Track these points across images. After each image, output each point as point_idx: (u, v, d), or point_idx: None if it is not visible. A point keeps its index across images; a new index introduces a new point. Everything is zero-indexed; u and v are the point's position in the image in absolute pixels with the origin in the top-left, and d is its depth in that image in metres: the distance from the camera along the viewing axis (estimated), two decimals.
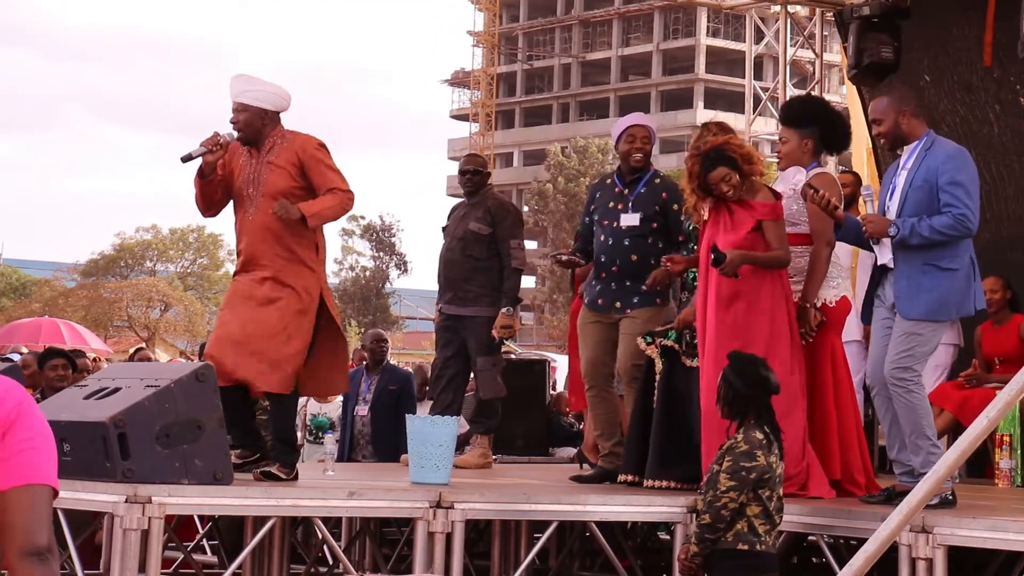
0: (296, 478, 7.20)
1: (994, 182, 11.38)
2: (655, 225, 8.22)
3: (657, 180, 8.34)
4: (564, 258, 8.52)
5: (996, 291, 9.78)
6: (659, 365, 7.80)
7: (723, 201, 7.43)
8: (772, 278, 7.40)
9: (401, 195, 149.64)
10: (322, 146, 7.30)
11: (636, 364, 8.06)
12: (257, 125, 7.29)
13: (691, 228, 8.07)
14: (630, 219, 8.22)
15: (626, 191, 8.32)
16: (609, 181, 8.47)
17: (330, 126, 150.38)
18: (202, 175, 7.32)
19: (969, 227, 6.88)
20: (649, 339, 7.86)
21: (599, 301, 8.28)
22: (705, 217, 7.56)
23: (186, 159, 7.30)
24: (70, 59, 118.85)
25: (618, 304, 8.21)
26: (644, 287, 8.11)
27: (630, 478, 7.83)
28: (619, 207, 8.29)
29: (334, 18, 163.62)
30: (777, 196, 7.52)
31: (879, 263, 7.13)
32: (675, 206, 8.19)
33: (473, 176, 9.42)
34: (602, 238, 8.31)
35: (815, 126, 7.73)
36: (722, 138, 7.60)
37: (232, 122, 7.34)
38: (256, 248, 7.26)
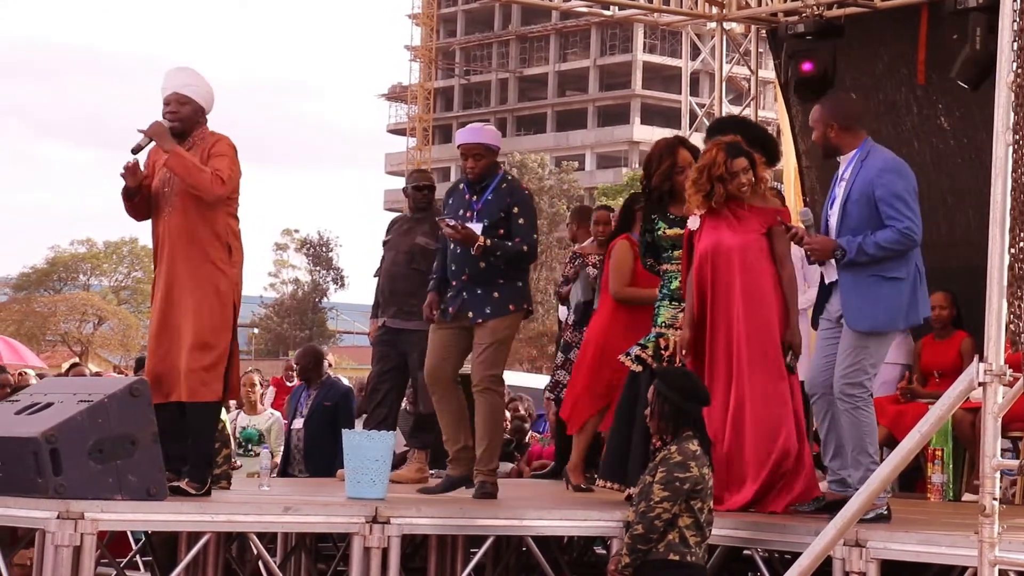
0: (207, 493, 7.07)
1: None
2: (502, 232, 8.05)
3: (504, 185, 8.18)
4: (451, 223, 8.10)
5: (944, 307, 9.86)
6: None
7: (724, 205, 7.48)
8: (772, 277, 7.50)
9: (338, 210, 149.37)
10: (230, 146, 7.13)
11: (491, 374, 8.05)
12: (194, 120, 7.17)
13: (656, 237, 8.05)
14: (475, 228, 8.04)
15: (473, 198, 8.18)
16: (461, 187, 8.33)
17: (266, 143, 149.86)
18: (129, 195, 7.15)
19: (914, 239, 6.94)
20: (629, 356, 7.88)
21: (449, 310, 8.14)
22: (695, 226, 7.59)
23: (136, 150, 7.10)
24: (5, 74, 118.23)
25: (470, 314, 8.08)
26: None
27: (614, 486, 7.84)
28: (467, 215, 8.15)
29: (270, 33, 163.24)
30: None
31: (827, 282, 7.16)
32: (516, 209, 8.10)
33: (428, 192, 9.59)
34: (451, 246, 8.17)
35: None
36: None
37: (169, 113, 7.16)
38: (173, 250, 7.12)
